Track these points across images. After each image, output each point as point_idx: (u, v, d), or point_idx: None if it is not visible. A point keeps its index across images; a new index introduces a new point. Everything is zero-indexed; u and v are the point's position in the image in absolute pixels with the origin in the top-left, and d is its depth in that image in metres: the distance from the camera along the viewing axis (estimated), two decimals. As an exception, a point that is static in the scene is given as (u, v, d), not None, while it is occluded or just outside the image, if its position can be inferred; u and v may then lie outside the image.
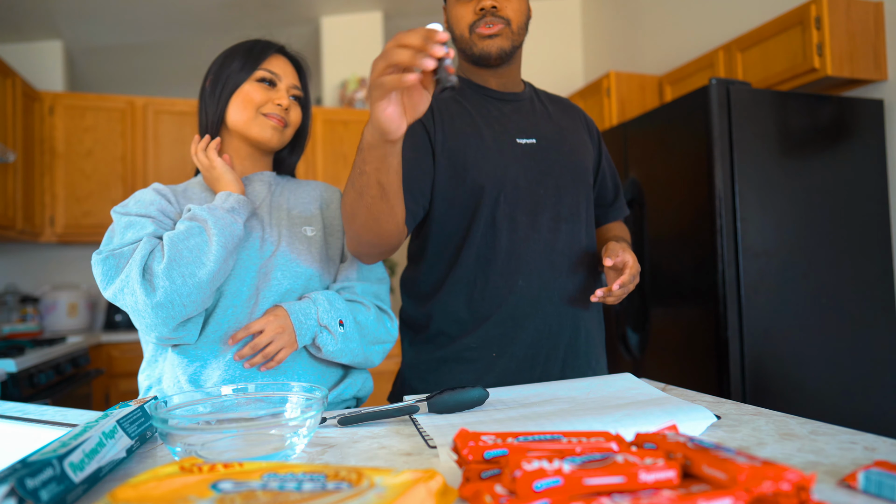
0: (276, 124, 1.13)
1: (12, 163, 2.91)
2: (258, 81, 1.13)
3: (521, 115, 1.21)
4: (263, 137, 1.13)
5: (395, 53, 0.73)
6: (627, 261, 1.09)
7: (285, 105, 1.13)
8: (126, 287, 0.93)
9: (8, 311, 3.29)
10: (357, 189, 0.92)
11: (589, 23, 3.83)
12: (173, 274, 0.93)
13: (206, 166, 1.10)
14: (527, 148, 1.17)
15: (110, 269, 0.95)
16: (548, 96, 1.31)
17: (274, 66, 1.14)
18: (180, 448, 0.66)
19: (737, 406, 0.86)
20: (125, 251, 0.97)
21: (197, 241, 0.96)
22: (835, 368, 2.02)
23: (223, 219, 1.00)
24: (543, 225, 1.16)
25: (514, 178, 1.14)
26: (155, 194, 1.08)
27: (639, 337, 2.34)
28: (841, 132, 2.11)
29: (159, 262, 0.94)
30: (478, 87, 1.22)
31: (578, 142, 1.24)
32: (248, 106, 1.12)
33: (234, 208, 1.03)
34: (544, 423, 0.77)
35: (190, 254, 0.95)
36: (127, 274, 0.93)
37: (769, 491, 0.44)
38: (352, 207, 0.95)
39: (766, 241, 1.99)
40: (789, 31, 2.19)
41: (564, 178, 1.18)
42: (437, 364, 1.16)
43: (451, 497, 0.49)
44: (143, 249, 0.95)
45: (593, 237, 1.25)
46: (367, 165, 0.87)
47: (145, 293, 0.92)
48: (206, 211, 1.00)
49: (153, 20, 3.65)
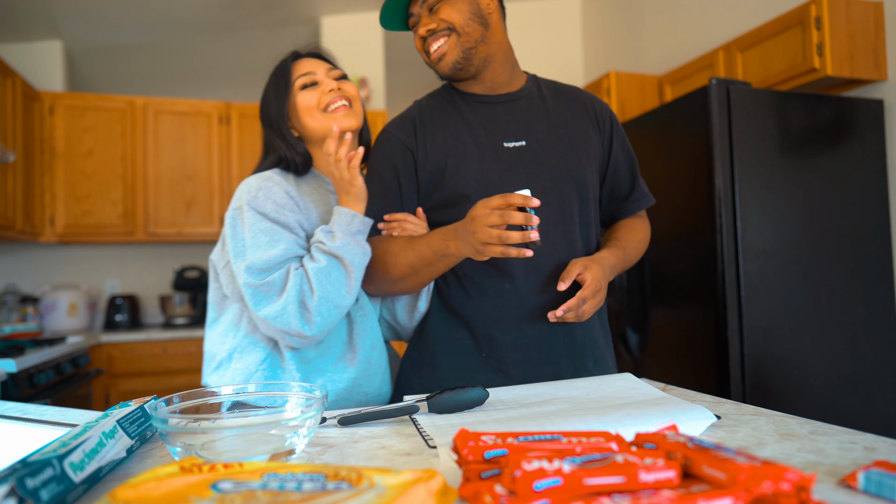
0: (343, 109, 1.18)
1: (12, 163, 2.91)
2: (302, 89, 1.19)
3: (511, 118, 1.19)
4: (347, 126, 1.17)
5: (510, 216, 0.92)
6: (585, 278, 1.06)
7: (335, 86, 1.19)
8: (282, 316, 1.04)
9: (8, 311, 3.29)
10: (415, 269, 1.08)
11: (589, 23, 3.83)
12: (323, 309, 1.04)
13: (347, 180, 1.12)
14: (515, 151, 1.15)
15: (262, 297, 1.05)
16: (554, 88, 1.27)
17: (302, 67, 1.21)
18: (180, 448, 0.66)
19: (737, 406, 0.86)
20: (276, 281, 1.05)
21: (338, 275, 1.06)
22: (835, 368, 2.02)
23: (355, 250, 1.07)
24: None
25: (497, 183, 1.13)
26: (286, 197, 1.13)
27: (639, 337, 2.34)
28: (841, 132, 2.11)
29: (310, 297, 1.04)
30: (465, 95, 1.21)
31: (577, 139, 1.20)
32: (310, 112, 1.18)
33: (360, 230, 1.09)
34: (544, 423, 0.77)
35: (334, 288, 1.05)
36: (283, 307, 1.04)
37: (769, 491, 0.44)
38: (407, 274, 1.09)
39: (766, 241, 1.99)
40: (789, 31, 2.19)
41: (555, 179, 1.16)
42: (430, 357, 1.17)
43: (451, 497, 0.49)
44: (295, 283, 1.04)
45: (592, 238, 1.22)
46: (441, 264, 1.06)
47: (301, 326, 1.04)
48: (340, 247, 1.06)
49: (153, 20, 3.65)
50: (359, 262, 1.07)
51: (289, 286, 1.04)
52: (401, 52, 4.38)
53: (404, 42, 4.51)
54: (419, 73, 1.31)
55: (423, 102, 1.24)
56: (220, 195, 3.59)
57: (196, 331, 3.27)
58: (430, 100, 1.24)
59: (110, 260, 3.74)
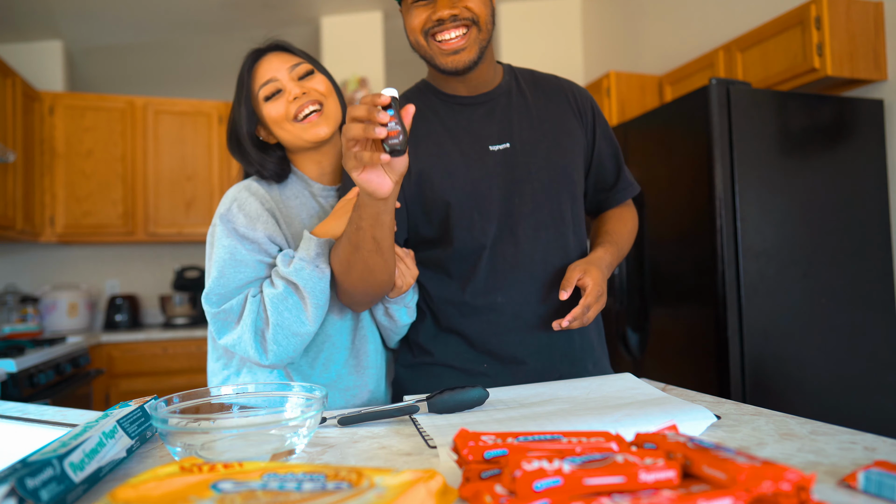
0: (314, 116, 1.09)
1: (12, 163, 2.91)
2: (266, 101, 1.11)
3: (493, 119, 1.12)
4: (318, 137, 1.10)
5: (348, 130, 0.81)
6: (586, 284, 1.02)
7: (300, 92, 1.09)
8: (239, 345, 1.01)
9: (8, 311, 3.29)
10: (353, 243, 0.95)
11: (589, 23, 3.83)
12: (279, 337, 1.00)
13: (347, 197, 1.08)
14: (500, 155, 1.10)
15: (221, 325, 1.03)
16: (531, 79, 1.20)
17: (262, 72, 1.11)
18: (180, 448, 0.66)
19: (737, 406, 0.86)
20: (233, 308, 1.02)
21: (294, 301, 1.00)
22: (835, 368, 2.02)
23: (311, 278, 1.00)
24: (523, 236, 1.10)
25: (486, 191, 1.08)
26: (260, 209, 1.07)
27: (639, 337, 2.34)
28: (841, 132, 2.10)
29: (266, 326, 1.01)
30: (446, 97, 1.14)
31: (561, 133, 1.14)
32: (280, 124, 1.11)
33: (319, 254, 1.02)
34: (544, 423, 0.77)
35: (291, 314, 1.00)
36: (240, 336, 1.01)
37: (769, 491, 0.44)
38: (347, 260, 0.98)
39: (766, 241, 1.99)
40: (789, 31, 2.19)
41: (543, 181, 1.10)
42: (427, 367, 1.15)
43: (451, 497, 0.49)
44: (251, 311, 1.01)
45: (583, 235, 1.18)
46: (363, 221, 0.92)
47: (258, 355, 1.01)
48: (293, 272, 1.00)
49: (153, 20, 3.65)
50: (313, 286, 0.99)
51: (245, 314, 1.01)
52: (401, 53, 4.37)
53: (404, 42, 4.50)
54: (419, 73, 1.28)
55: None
56: (219, 195, 3.59)
57: (196, 331, 3.27)
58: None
59: (110, 260, 3.74)
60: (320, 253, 1.01)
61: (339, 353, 1.12)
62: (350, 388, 1.12)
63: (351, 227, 0.95)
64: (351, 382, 1.13)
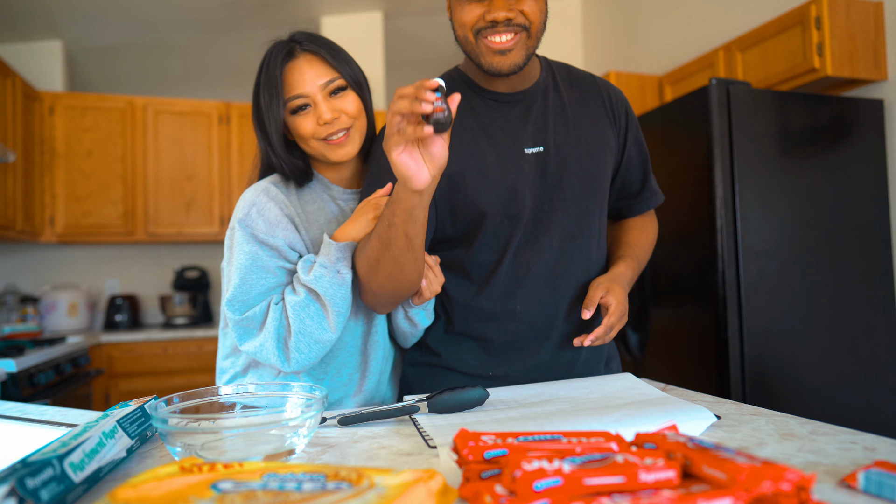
0: (341, 140, 1.07)
1: (12, 163, 2.91)
2: (292, 114, 1.07)
3: (529, 119, 1.09)
4: (339, 157, 1.08)
5: (394, 105, 0.80)
6: (609, 303, 1.01)
7: (331, 118, 1.05)
8: (262, 352, 1.01)
9: (8, 311, 3.29)
10: (384, 240, 0.93)
11: (589, 23, 3.83)
12: (301, 345, 1.00)
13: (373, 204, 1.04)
14: (534, 159, 1.06)
15: (244, 332, 1.03)
16: (568, 78, 1.16)
17: (294, 81, 1.05)
18: (180, 448, 0.66)
19: (737, 406, 0.86)
20: (256, 315, 1.02)
21: (316, 309, 1.00)
22: (835, 368, 2.02)
23: (331, 285, 0.98)
24: (548, 245, 1.07)
25: (521, 198, 1.05)
26: (280, 214, 1.05)
27: (639, 337, 2.34)
28: (841, 132, 2.10)
29: (288, 334, 1.01)
30: (482, 91, 1.10)
31: (595, 140, 1.11)
32: (306, 141, 1.08)
33: (339, 258, 1.00)
34: (544, 423, 0.77)
35: (313, 322, 1.00)
36: (262, 343, 1.01)
37: (769, 491, 0.44)
38: (377, 259, 0.95)
39: (766, 241, 1.99)
40: (789, 31, 2.19)
41: (574, 188, 1.08)
42: (433, 369, 1.14)
43: (451, 497, 0.49)
44: (274, 319, 1.01)
45: (604, 246, 1.16)
46: (397, 217, 0.90)
47: (281, 362, 1.01)
48: (313, 280, 0.99)
49: (153, 20, 3.65)
50: (333, 294, 0.98)
51: (268, 322, 1.01)
52: (401, 53, 4.38)
53: (404, 42, 4.51)
54: (419, 73, 1.26)
55: None
56: (219, 195, 3.59)
57: (196, 331, 3.27)
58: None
59: (110, 260, 3.74)
60: (341, 257, 0.99)
61: (351, 357, 1.12)
62: (358, 392, 1.13)
63: (382, 225, 0.92)
64: (360, 387, 1.13)
